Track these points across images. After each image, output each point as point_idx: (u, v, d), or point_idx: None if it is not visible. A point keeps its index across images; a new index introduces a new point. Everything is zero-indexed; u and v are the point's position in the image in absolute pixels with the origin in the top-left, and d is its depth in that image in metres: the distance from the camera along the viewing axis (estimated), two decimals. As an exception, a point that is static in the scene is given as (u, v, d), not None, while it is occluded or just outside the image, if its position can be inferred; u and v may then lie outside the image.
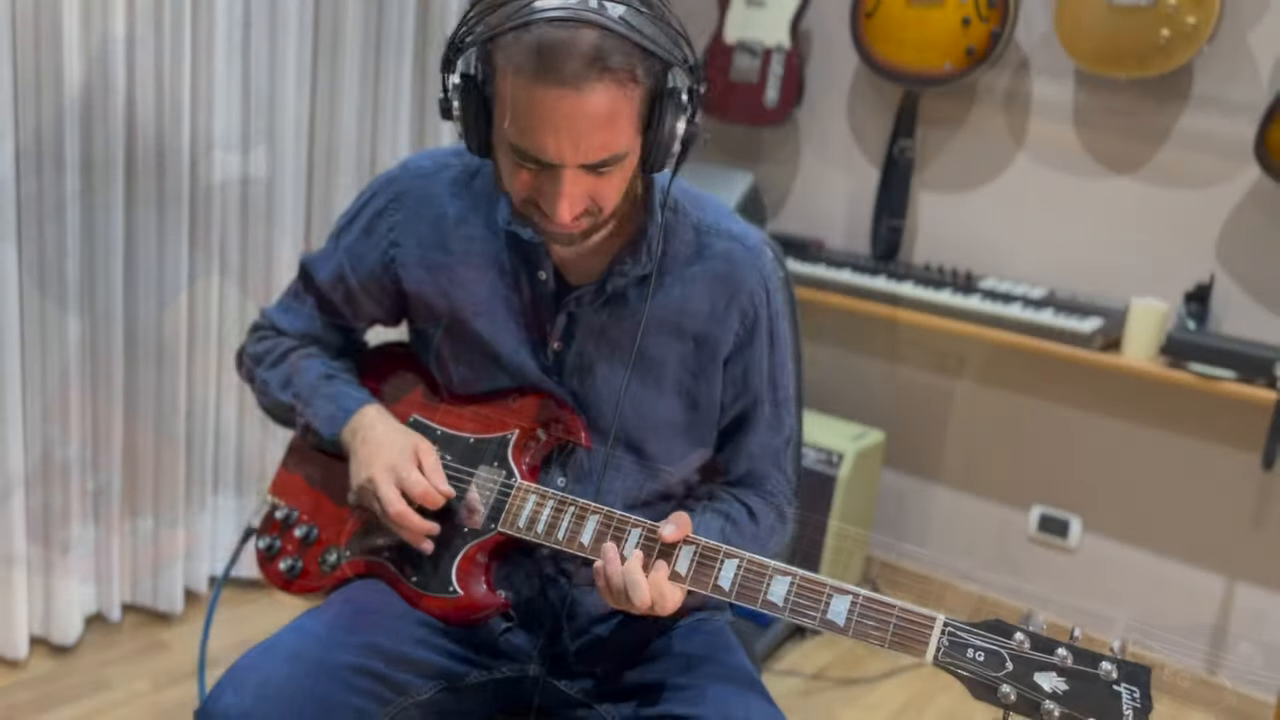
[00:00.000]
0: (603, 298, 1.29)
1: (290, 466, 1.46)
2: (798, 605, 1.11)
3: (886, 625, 1.08)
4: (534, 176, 1.13)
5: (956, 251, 2.95)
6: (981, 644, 1.03)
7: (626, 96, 1.09)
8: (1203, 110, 2.56)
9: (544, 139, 1.08)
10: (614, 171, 1.14)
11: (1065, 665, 1.00)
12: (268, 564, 1.41)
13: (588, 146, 1.09)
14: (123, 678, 2.32)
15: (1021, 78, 2.81)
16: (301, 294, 1.45)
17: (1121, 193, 2.69)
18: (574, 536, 1.22)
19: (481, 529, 1.28)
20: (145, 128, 2.28)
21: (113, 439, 2.37)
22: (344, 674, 1.17)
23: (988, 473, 2.98)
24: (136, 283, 2.36)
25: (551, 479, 1.32)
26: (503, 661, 1.32)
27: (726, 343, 1.32)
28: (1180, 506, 2.69)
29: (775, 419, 1.39)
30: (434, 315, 1.35)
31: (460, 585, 1.27)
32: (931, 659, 1.04)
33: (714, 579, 1.15)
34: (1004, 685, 1.01)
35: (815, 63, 3.13)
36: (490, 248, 1.32)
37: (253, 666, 1.16)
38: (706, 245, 1.31)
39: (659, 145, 1.14)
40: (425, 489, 1.25)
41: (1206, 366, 2.39)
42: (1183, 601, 2.70)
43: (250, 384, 1.47)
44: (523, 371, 1.32)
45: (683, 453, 1.36)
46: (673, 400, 1.33)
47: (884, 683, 2.66)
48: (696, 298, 1.30)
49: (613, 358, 1.31)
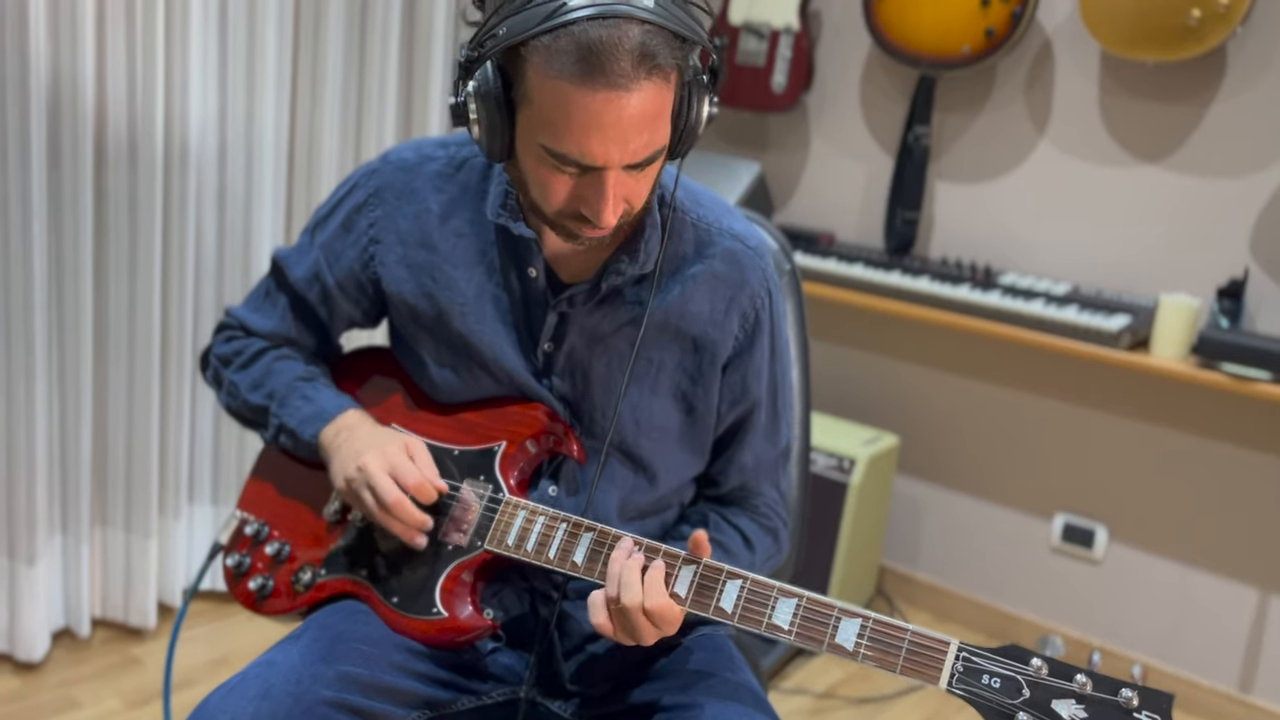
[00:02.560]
0: (597, 297, 1.27)
1: (261, 478, 1.45)
2: (804, 629, 1.11)
3: (898, 650, 1.07)
4: (573, 182, 1.12)
5: (975, 245, 2.94)
6: (997, 670, 1.04)
7: (670, 88, 1.10)
8: (1236, 95, 2.54)
9: (589, 143, 1.07)
10: (653, 167, 1.14)
11: (1084, 692, 1.00)
12: (237, 583, 1.39)
13: (635, 147, 1.09)
14: (92, 696, 2.32)
15: (1044, 61, 2.79)
16: (274, 292, 1.44)
17: (1150, 183, 2.68)
18: (566, 555, 1.21)
19: (467, 547, 1.26)
20: (116, 117, 2.27)
21: (81, 443, 2.36)
22: (320, 709, 1.14)
23: (1008, 479, 2.97)
24: (107, 279, 2.35)
25: (542, 489, 1.31)
26: (491, 685, 1.31)
27: (726, 347, 1.31)
28: (1212, 515, 2.68)
29: (773, 429, 1.38)
30: (416, 316, 1.34)
31: (445, 606, 1.25)
32: (945, 685, 1.04)
33: (716, 601, 1.14)
34: (1021, 713, 1.01)
35: (825, 45, 3.12)
36: (477, 244, 1.31)
37: (221, 706, 1.13)
38: (707, 244, 1.30)
39: (688, 131, 1.15)
40: (420, 479, 1.24)
41: (1240, 367, 2.38)
42: (1214, 615, 2.69)
43: (216, 387, 1.45)
44: (511, 374, 1.31)
45: (678, 460, 1.35)
46: (668, 405, 1.32)
47: (898, 702, 2.65)
48: (696, 299, 1.29)
49: (606, 360, 1.30)
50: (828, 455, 2.78)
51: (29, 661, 2.35)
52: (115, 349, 2.39)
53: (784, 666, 2.73)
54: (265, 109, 2.49)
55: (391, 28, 2.64)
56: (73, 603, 2.45)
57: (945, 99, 2.94)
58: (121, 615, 2.53)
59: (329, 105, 2.58)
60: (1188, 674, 2.72)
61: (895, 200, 2.95)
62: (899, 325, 3.08)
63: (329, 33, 2.55)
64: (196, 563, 2.66)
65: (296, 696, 1.14)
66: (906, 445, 3.08)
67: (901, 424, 3.09)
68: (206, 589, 2.66)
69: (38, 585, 2.33)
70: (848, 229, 3.14)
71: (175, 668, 2.41)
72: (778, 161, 3.26)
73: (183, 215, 2.42)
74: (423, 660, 1.26)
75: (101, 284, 2.35)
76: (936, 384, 3.05)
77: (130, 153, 2.30)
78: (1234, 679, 2.67)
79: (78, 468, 2.37)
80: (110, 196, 2.31)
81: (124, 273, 2.36)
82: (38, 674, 2.36)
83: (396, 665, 1.23)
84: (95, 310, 2.35)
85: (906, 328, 3.07)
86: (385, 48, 2.64)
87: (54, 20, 2.14)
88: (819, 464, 2.78)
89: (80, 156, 2.22)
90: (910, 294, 2.77)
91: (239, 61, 2.44)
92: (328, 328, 1.44)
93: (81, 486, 2.38)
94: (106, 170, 2.29)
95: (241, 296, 2.53)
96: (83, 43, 2.17)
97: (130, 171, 2.31)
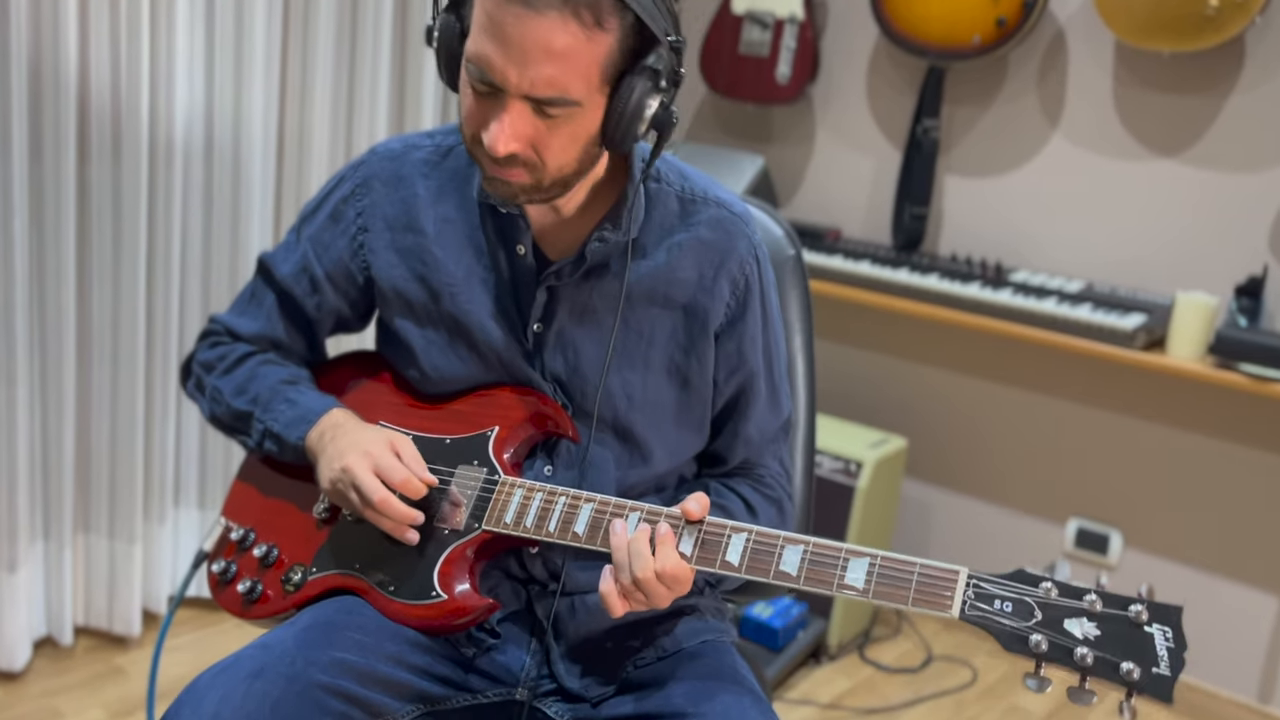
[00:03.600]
0: (583, 268, 1.30)
1: (245, 485, 1.46)
2: (812, 574, 1.14)
3: (908, 584, 1.10)
4: (482, 104, 1.17)
5: (985, 241, 2.93)
6: (1008, 595, 1.08)
7: (587, 39, 1.11)
8: (1255, 87, 2.53)
9: (490, 53, 1.12)
10: (562, 121, 1.16)
11: (1095, 610, 1.05)
12: (223, 589, 1.39)
13: (534, 77, 1.12)
14: (75, 706, 2.31)
15: (1057, 52, 2.79)
16: (259, 294, 1.45)
17: (1166, 177, 2.67)
18: (567, 526, 1.23)
19: (464, 529, 1.28)
20: (100, 109, 2.26)
21: (63, 446, 2.35)
22: (313, 693, 1.15)
23: (1019, 483, 2.96)
24: (90, 277, 2.34)
25: (537, 470, 1.34)
26: (488, 684, 1.32)
27: (717, 313, 1.34)
28: (1230, 520, 2.67)
29: (773, 399, 1.40)
30: (408, 302, 1.36)
31: (443, 589, 1.26)
32: (958, 613, 1.08)
33: (722, 555, 1.17)
34: (1034, 634, 1.05)
35: (831, 35, 3.11)
36: (464, 228, 1.35)
37: (212, 684, 1.14)
38: (692, 213, 1.34)
39: (622, 115, 1.17)
40: (406, 475, 1.25)
41: (1259, 367, 2.37)
42: (1233, 623, 2.68)
43: (198, 395, 1.47)
44: (500, 355, 1.34)
45: (676, 437, 1.37)
46: (662, 378, 1.34)
47: (907, 712, 2.64)
48: (683, 266, 1.32)
49: (596, 335, 1.33)
50: (834, 458, 2.77)
51: (10, 671, 2.34)
52: (99, 349, 2.38)
53: (789, 676, 2.72)
54: (253, 100, 2.48)
55: (384, 16, 2.63)
56: (55, 610, 2.44)
57: (955, 91, 2.93)
58: (105, 623, 2.52)
59: (319, 96, 2.57)
60: (1206, 684, 2.72)
61: (903, 195, 2.95)
62: (907, 324, 3.07)
63: (319, 21, 2.54)
64: (183, 569, 2.65)
65: (290, 678, 1.15)
66: (915, 448, 3.07)
67: (910, 426, 3.08)
68: (193, 595, 2.65)
69: (19, 592, 2.32)
70: (854, 225, 3.14)
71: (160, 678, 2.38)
72: (782, 155, 3.26)
73: (168, 211, 2.41)
74: (419, 654, 1.27)
75: (84, 282, 2.34)
76: (946, 384, 3.05)
77: (114, 145, 2.29)
78: (1253, 689, 2.67)
79: (60, 471, 2.36)
80: (93, 191, 2.30)
81: (108, 270, 2.35)
82: (19, 684, 2.35)
83: (392, 657, 1.24)
84: (78, 308, 2.34)
85: (915, 327, 3.06)
86: (378, 37, 2.63)
87: (35, 5, 2.13)
88: (824, 467, 2.77)
89: (62, 148, 2.21)
90: (919, 292, 2.77)
91: (226, 50, 2.43)
92: (314, 326, 1.45)
93: (64, 490, 2.37)
94: (90, 163, 2.28)
95: (228, 296, 2.53)
96: (65, 29, 2.16)
97: (114, 165, 2.30)
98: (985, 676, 2.81)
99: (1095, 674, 1.03)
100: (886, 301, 2.81)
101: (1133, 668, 1.02)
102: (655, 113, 1.18)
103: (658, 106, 1.18)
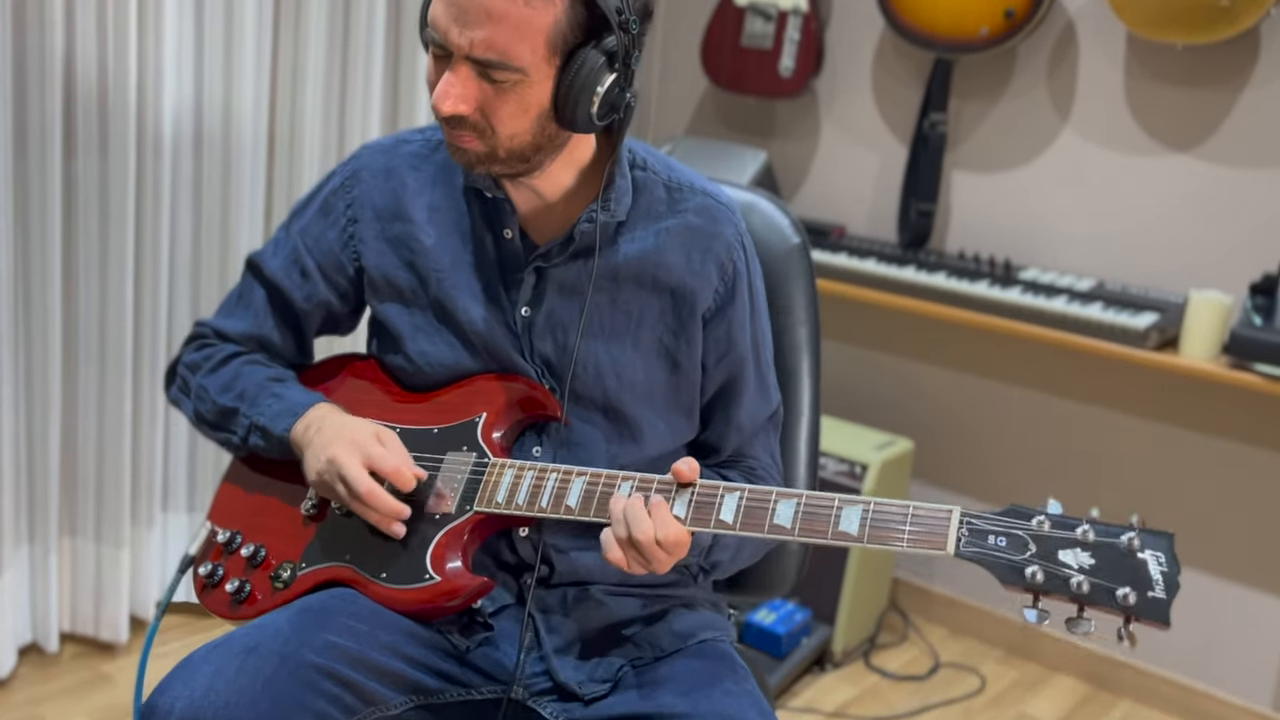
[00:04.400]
0: (571, 249, 1.34)
1: (231, 488, 1.47)
2: (807, 525, 1.18)
3: (903, 526, 1.15)
4: (438, 67, 1.23)
5: (994, 238, 2.92)
6: (1002, 529, 1.13)
7: (526, 4, 1.16)
8: (1270, 81, 2.53)
9: (439, 14, 1.19)
10: (509, 88, 1.20)
11: (1088, 540, 1.10)
12: (209, 591, 1.40)
13: (473, 37, 1.17)
14: (61, 714, 2.30)
15: (1067, 44, 2.78)
16: (247, 293, 1.49)
17: (1179, 172, 2.66)
18: (560, 500, 1.27)
19: (455, 513, 1.31)
20: (86, 101, 2.26)
21: (49, 448, 2.35)
22: (306, 673, 1.18)
23: (1028, 485, 2.95)
24: (76, 274, 2.34)
25: (526, 452, 1.37)
26: (483, 680, 1.33)
27: (705, 297, 1.37)
28: (1244, 524, 2.66)
29: (762, 387, 1.44)
30: (398, 290, 1.40)
31: (436, 572, 1.29)
32: (954, 551, 1.12)
33: (715, 514, 1.21)
34: (1030, 567, 1.09)
35: (836, 27, 3.11)
36: (452, 216, 1.39)
37: (205, 659, 1.18)
38: (679, 200, 1.39)
39: (570, 89, 1.20)
40: (395, 465, 1.28)
41: (1274, 367, 2.37)
42: (1246, 630, 2.67)
43: (182, 398, 1.49)
44: (486, 339, 1.37)
45: (665, 420, 1.40)
46: (651, 361, 1.38)
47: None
48: (671, 250, 1.37)
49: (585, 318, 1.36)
50: (838, 460, 2.77)
51: (-7, 678, 2.35)
52: (85, 348, 2.38)
53: (793, 684, 2.72)
54: (244, 93, 2.47)
55: (377, 8, 2.63)
56: (40, 616, 2.43)
57: (962, 84, 2.93)
58: (92, 629, 2.52)
59: (311, 88, 2.57)
60: (1219, 692, 2.71)
61: (910, 191, 2.94)
62: (914, 323, 3.06)
63: (311, 10, 2.53)
64: (171, 574, 2.64)
65: (284, 656, 1.18)
66: (921, 449, 3.07)
67: (916, 427, 3.08)
68: (181, 601, 2.63)
69: (3, 598, 2.32)
70: (859, 221, 3.13)
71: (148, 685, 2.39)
72: (785, 150, 3.25)
73: (156, 207, 2.41)
74: (414, 645, 1.29)
75: (70, 279, 2.34)
76: (953, 385, 3.04)
77: (100, 138, 2.29)
78: (1268, 698, 2.66)
79: (45, 473, 2.36)
80: (80, 186, 2.30)
81: (94, 267, 2.35)
82: (3, 691, 2.35)
83: (386, 646, 1.26)
84: (63, 306, 2.33)
85: (922, 325, 3.06)
86: (370, 30, 2.63)
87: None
88: (829, 469, 2.77)
89: (48, 141, 2.21)
90: (926, 290, 2.76)
91: (216, 41, 2.43)
92: (303, 322, 1.48)
93: (49, 494, 2.37)
94: (76, 158, 2.28)
95: (218, 294, 2.53)
96: (50, 18, 2.16)
97: (101, 159, 2.30)
98: (994, 684, 2.80)
99: (1092, 601, 1.07)
100: (892, 300, 2.81)
101: (1128, 592, 1.05)
102: (609, 92, 1.21)
103: (611, 85, 1.21)
